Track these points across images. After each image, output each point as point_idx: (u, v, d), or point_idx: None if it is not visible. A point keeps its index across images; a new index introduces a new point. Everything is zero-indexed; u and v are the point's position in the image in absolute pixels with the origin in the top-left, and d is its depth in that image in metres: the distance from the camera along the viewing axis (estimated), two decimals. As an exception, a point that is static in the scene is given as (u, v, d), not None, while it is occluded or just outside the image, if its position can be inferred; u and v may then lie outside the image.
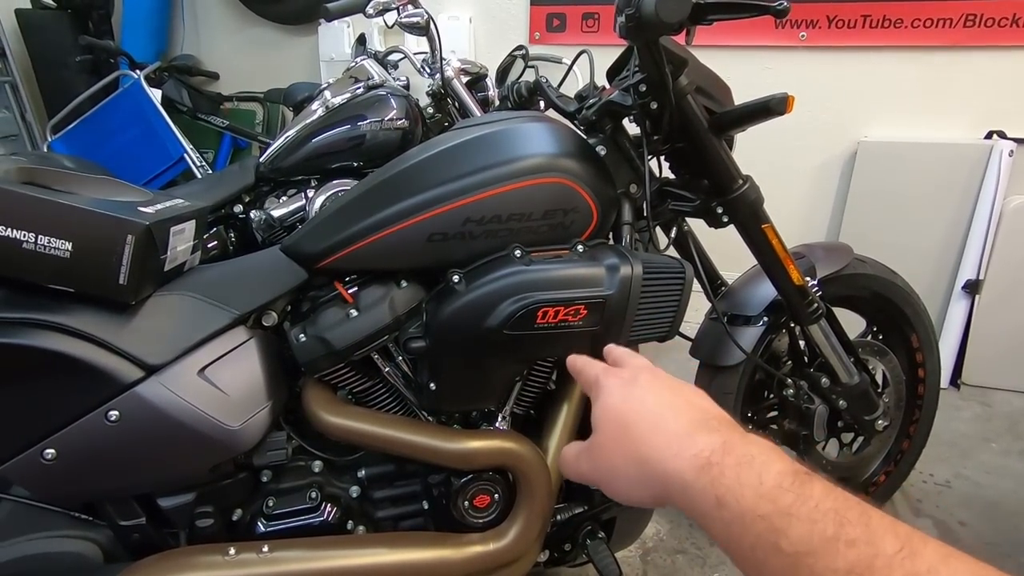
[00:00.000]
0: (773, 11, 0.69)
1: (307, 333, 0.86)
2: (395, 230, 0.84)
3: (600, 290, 0.81)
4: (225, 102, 2.68)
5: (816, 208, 2.17)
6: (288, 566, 0.79)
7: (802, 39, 1.99)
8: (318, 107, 1.61)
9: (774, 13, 0.69)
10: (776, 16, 0.69)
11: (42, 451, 0.73)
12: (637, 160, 1.00)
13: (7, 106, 2.41)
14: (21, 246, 0.69)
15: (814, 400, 1.17)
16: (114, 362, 0.75)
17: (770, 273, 1.07)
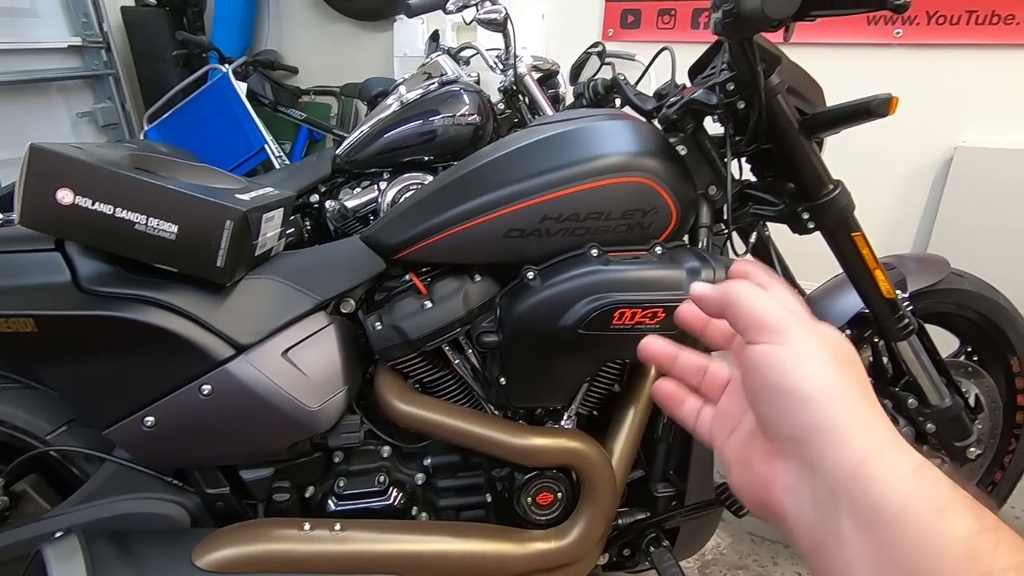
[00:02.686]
0: (891, 6, 0.65)
1: (383, 322, 0.89)
2: (473, 225, 0.85)
3: (680, 294, 0.79)
4: (303, 95, 2.79)
5: (903, 218, 2.03)
6: (359, 545, 0.82)
7: (897, 36, 1.87)
8: (393, 102, 1.65)
9: (892, 8, 0.65)
10: (895, 11, 0.65)
11: (143, 418, 0.79)
12: (718, 161, 0.97)
13: (110, 96, 2.61)
14: (134, 227, 0.75)
15: (898, 421, 1.10)
16: (209, 339, 0.79)
17: (857, 284, 1.01)
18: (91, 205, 0.73)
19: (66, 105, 2.49)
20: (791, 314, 0.29)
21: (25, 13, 2.27)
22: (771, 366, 0.28)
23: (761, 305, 0.29)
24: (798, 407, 0.27)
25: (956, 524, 0.23)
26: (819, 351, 0.28)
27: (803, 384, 0.27)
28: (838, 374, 0.27)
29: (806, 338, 0.28)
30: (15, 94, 2.28)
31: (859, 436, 0.26)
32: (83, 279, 0.77)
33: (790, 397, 0.27)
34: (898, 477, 0.24)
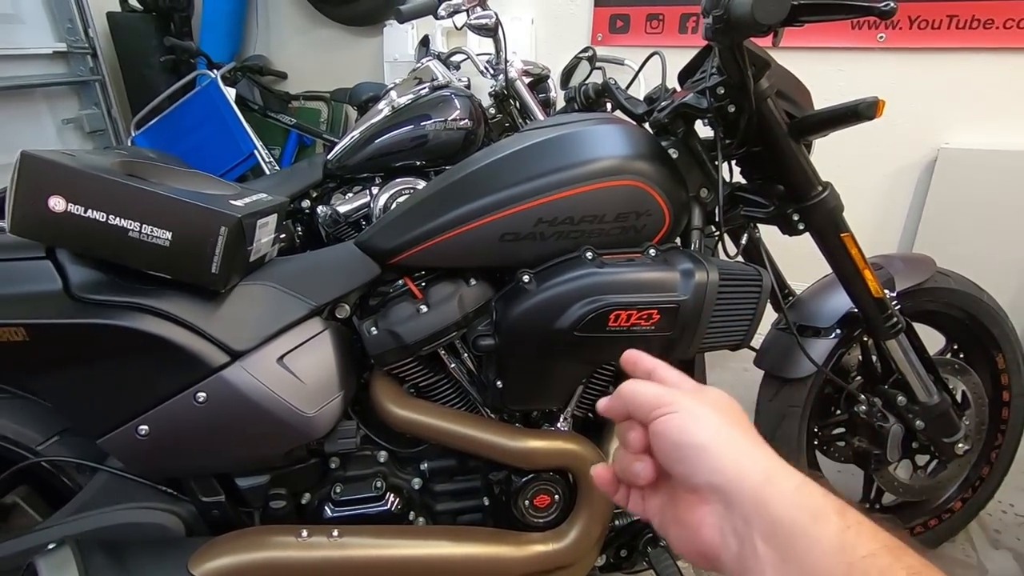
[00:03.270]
0: (878, 12, 0.66)
1: (378, 327, 0.89)
2: (468, 229, 0.86)
3: (674, 295, 0.80)
4: (292, 101, 2.78)
5: (889, 218, 2.06)
6: (357, 551, 0.82)
7: (880, 40, 1.91)
8: (384, 107, 1.65)
9: (879, 14, 0.66)
10: (881, 17, 0.67)
11: (137, 427, 0.78)
12: (709, 164, 0.98)
13: (96, 103, 2.58)
14: (127, 234, 0.74)
15: (888, 418, 1.11)
16: (203, 346, 0.79)
17: (847, 284, 1.02)
18: (84, 212, 0.73)
19: (51, 112, 2.46)
20: (675, 389, 0.37)
21: (9, 19, 2.24)
22: (670, 430, 0.35)
23: (649, 393, 0.37)
24: (700, 456, 0.33)
25: (828, 526, 0.29)
26: (704, 410, 0.35)
27: (697, 438, 0.34)
28: (723, 424, 0.35)
29: (691, 403, 0.36)
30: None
31: (751, 469, 0.32)
32: (75, 287, 0.76)
33: (692, 451, 0.34)
34: (786, 496, 0.31)
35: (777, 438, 1.17)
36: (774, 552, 0.30)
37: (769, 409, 1.17)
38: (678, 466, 0.35)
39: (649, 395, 0.37)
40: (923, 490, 1.24)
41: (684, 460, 0.34)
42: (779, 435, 1.16)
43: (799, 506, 0.30)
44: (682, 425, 0.34)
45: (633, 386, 0.38)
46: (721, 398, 0.37)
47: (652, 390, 0.37)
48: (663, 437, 0.35)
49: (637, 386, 0.38)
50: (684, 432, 0.34)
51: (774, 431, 1.16)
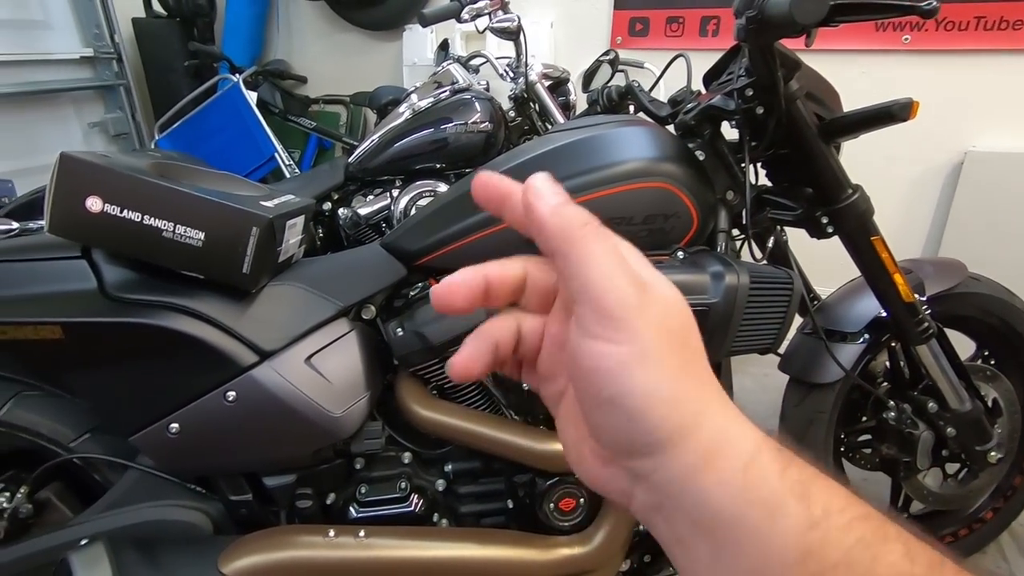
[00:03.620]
0: (920, 11, 0.65)
1: (404, 328, 0.89)
2: (495, 231, 0.86)
3: (704, 298, 0.79)
4: (312, 104, 2.81)
5: (913, 222, 2.03)
6: (383, 552, 0.82)
7: (905, 42, 1.88)
8: (405, 110, 1.66)
9: (921, 13, 0.65)
10: (924, 16, 0.66)
11: (168, 425, 0.79)
12: (735, 166, 0.97)
13: (121, 106, 2.62)
14: (161, 234, 0.75)
15: (918, 425, 1.09)
16: (234, 346, 0.80)
17: (877, 288, 1.01)
18: (120, 213, 0.74)
19: (78, 115, 2.51)
20: (637, 290, 0.22)
21: (39, 25, 2.29)
22: (608, 377, 0.22)
23: (614, 282, 0.22)
24: (631, 426, 0.22)
25: (787, 524, 0.21)
26: (661, 347, 0.22)
27: (638, 401, 0.22)
28: (675, 373, 0.22)
29: (649, 334, 0.22)
30: (28, 105, 2.29)
31: (691, 448, 0.22)
32: (109, 286, 0.77)
33: (624, 415, 0.22)
34: (729, 483, 0.22)
35: (803, 444, 1.15)
36: (709, 547, 0.22)
37: (795, 415, 1.16)
38: (601, 423, 0.23)
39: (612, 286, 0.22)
40: (953, 499, 1.21)
41: (610, 420, 0.23)
42: (804, 441, 1.15)
43: (748, 499, 0.21)
44: (620, 369, 0.22)
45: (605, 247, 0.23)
46: (678, 317, 0.24)
47: (620, 282, 0.22)
48: (591, 380, 0.23)
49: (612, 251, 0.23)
50: (618, 383, 0.22)
51: (800, 437, 1.15)
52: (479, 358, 0.26)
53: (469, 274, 0.27)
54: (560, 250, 0.23)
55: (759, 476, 0.22)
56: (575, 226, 0.23)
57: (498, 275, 0.27)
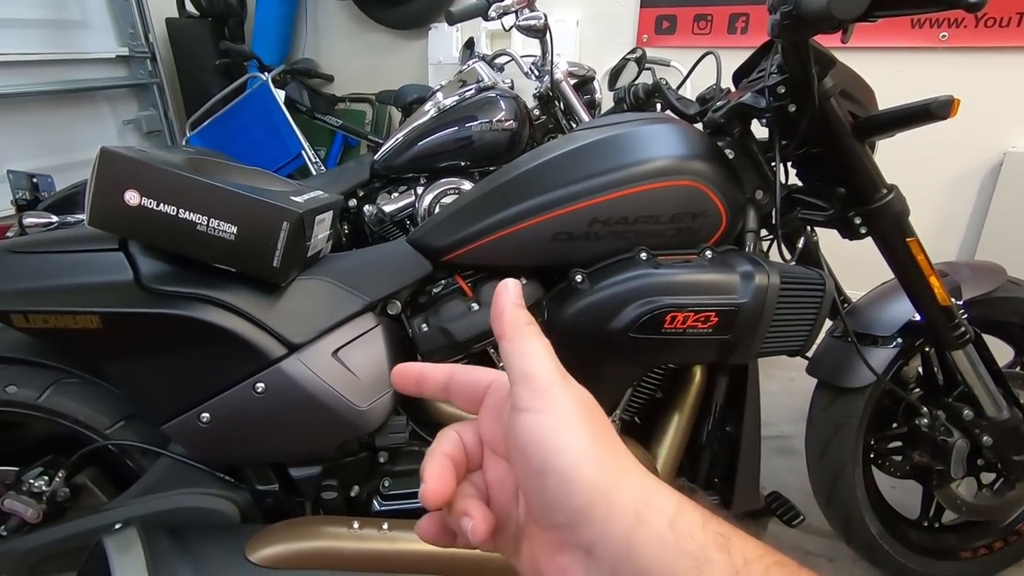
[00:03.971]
0: (965, 5, 0.63)
1: (429, 323, 0.90)
2: (521, 228, 0.86)
3: (733, 298, 0.78)
4: (339, 103, 2.84)
5: (950, 224, 1.98)
6: (408, 545, 0.82)
7: (943, 39, 1.83)
8: (430, 108, 1.67)
9: (966, 7, 0.63)
10: (968, 11, 0.64)
11: (199, 414, 0.81)
12: (765, 165, 0.96)
13: (154, 104, 2.69)
14: (195, 227, 0.77)
15: (952, 433, 1.06)
16: (263, 338, 0.81)
17: (911, 291, 0.98)
18: (156, 206, 0.76)
19: (113, 113, 2.58)
20: (560, 374, 0.27)
21: (78, 25, 2.36)
22: (539, 445, 0.25)
23: (531, 349, 0.27)
24: (564, 489, 0.24)
25: (713, 573, 0.23)
26: (580, 416, 0.25)
27: (568, 461, 0.24)
28: (594, 440, 0.25)
29: (569, 404, 0.26)
30: (66, 102, 2.36)
31: (622, 505, 0.24)
32: (144, 278, 0.79)
33: (554, 480, 0.24)
34: (658, 540, 0.24)
35: (831, 449, 1.13)
36: None
37: (823, 419, 1.13)
38: (534, 498, 0.26)
39: (536, 359, 0.27)
40: (988, 510, 1.17)
41: (544, 492, 0.25)
42: (833, 446, 1.13)
43: (676, 553, 0.23)
44: (549, 434, 0.25)
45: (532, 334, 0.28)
46: (586, 395, 0.27)
47: (543, 357, 0.27)
48: (523, 448, 0.25)
49: (535, 336, 0.28)
50: (549, 447, 0.25)
51: (828, 442, 1.13)
52: (447, 479, 0.28)
53: (436, 464, 0.29)
54: (508, 335, 0.28)
55: (685, 530, 0.24)
56: (522, 322, 0.28)
57: (453, 449, 0.30)
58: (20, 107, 2.18)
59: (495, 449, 0.30)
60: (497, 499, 0.30)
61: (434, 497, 0.27)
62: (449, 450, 0.30)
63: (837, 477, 1.13)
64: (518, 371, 0.26)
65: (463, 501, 0.28)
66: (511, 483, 0.29)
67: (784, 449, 1.66)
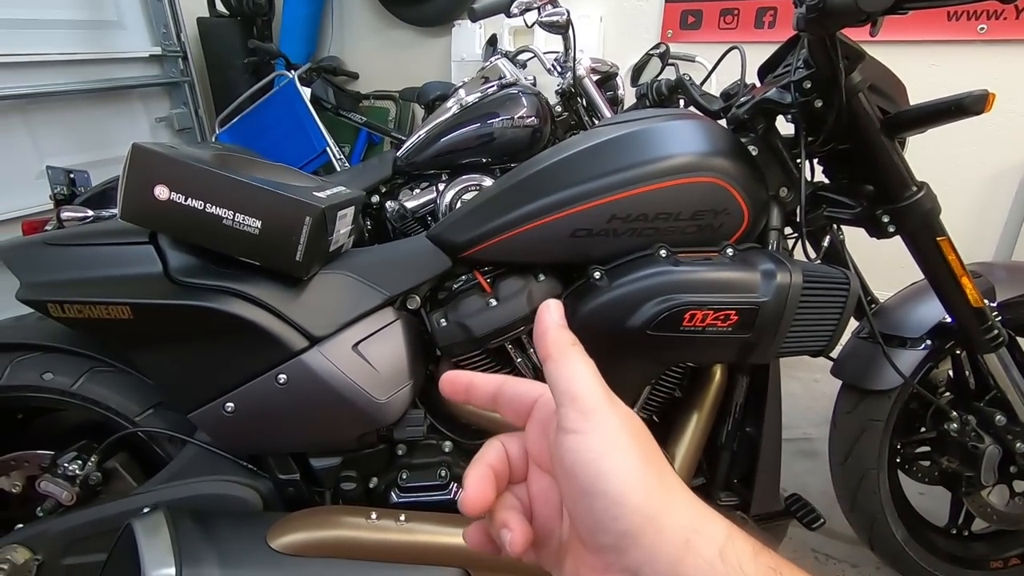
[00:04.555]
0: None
1: (448, 318, 0.90)
2: (540, 224, 0.86)
3: (754, 296, 0.77)
4: (363, 100, 2.88)
5: (985, 224, 1.91)
6: (423, 537, 0.83)
7: (981, 32, 1.77)
8: (452, 105, 1.68)
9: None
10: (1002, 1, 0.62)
11: (224, 404, 0.83)
12: (790, 162, 0.94)
13: (185, 102, 2.75)
14: (222, 222, 0.79)
15: (983, 439, 1.03)
16: (286, 331, 0.83)
17: (941, 292, 0.96)
18: (184, 201, 0.78)
19: (146, 111, 2.65)
20: (606, 394, 0.27)
21: (113, 25, 2.43)
22: (587, 466, 0.25)
23: (577, 370, 0.27)
24: (611, 510, 0.24)
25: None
26: (623, 435, 0.25)
27: (611, 483, 0.24)
28: (643, 463, 0.25)
29: (616, 426, 0.25)
30: (102, 101, 2.44)
31: (671, 531, 0.24)
32: (173, 271, 0.82)
33: (608, 500, 0.24)
34: (707, 569, 0.23)
35: (855, 453, 1.10)
36: None
37: (847, 422, 1.11)
38: (581, 518, 0.26)
39: (581, 380, 0.26)
40: (1021, 519, 1.14)
41: (591, 513, 0.25)
42: (857, 450, 1.10)
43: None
44: (597, 456, 0.25)
45: (578, 356, 0.28)
46: (634, 419, 0.27)
47: (589, 377, 0.27)
48: (570, 469, 0.25)
49: (581, 358, 0.28)
50: (597, 469, 0.25)
51: (852, 446, 1.10)
52: (486, 488, 0.29)
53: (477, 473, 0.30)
54: (552, 356, 0.28)
55: (735, 561, 0.24)
56: (567, 343, 0.28)
57: (496, 460, 0.31)
58: (59, 105, 2.26)
59: (540, 463, 0.30)
60: (540, 513, 0.30)
61: (472, 505, 0.28)
62: (492, 460, 0.30)
63: (861, 481, 1.11)
64: (564, 392, 0.26)
65: (503, 512, 0.29)
66: (555, 497, 0.29)
67: (806, 452, 1.63)
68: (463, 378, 0.32)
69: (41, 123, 2.21)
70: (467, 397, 0.32)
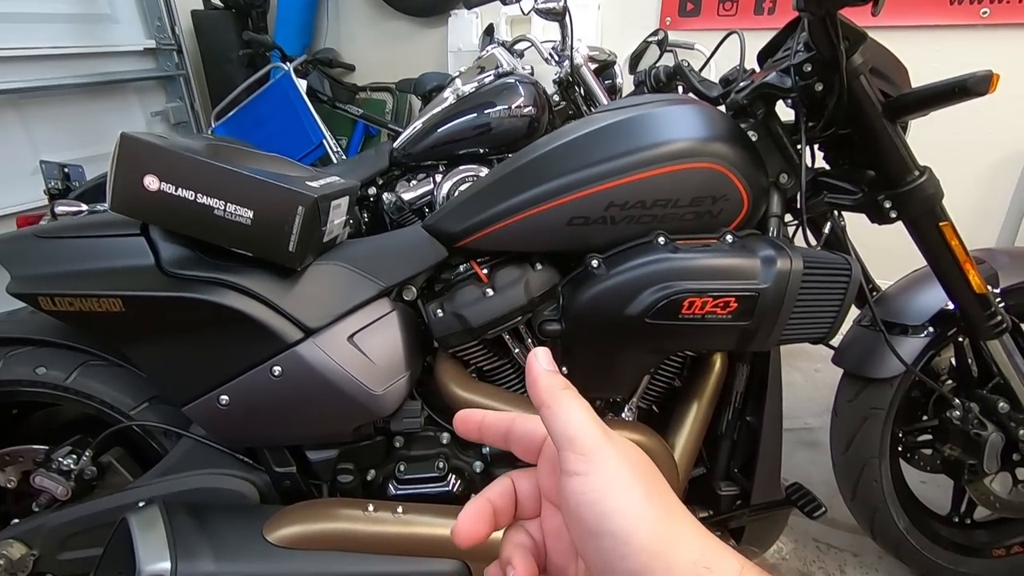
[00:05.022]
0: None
1: (444, 309, 0.89)
2: (536, 212, 0.85)
3: (754, 283, 0.76)
4: (359, 92, 2.86)
5: (988, 210, 1.90)
6: (421, 529, 0.83)
7: (984, 16, 1.74)
8: (449, 95, 1.66)
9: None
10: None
11: (218, 396, 0.82)
12: (790, 148, 0.93)
13: (180, 96, 2.74)
14: (213, 212, 0.78)
15: (986, 426, 1.02)
16: (280, 322, 0.82)
17: (944, 278, 0.94)
18: (175, 191, 0.77)
19: (141, 105, 2.64)
20: (603, 433, 0.27)
21: (107, 19, 2.41)
22: (591, 507, 0.25)
23: (573, 414, 0.27)
24: (621, 551, 0.24)
25: None
26: (629, 475, 0.25)
27: (623, 521, 0.24)
28: (647, 499, 0.25)
29: (616, 464, 0.25)
30: (96, 95, 2.42)
31: (680, 568, 0.24)
32: (165, 262, 0.81)
33: (616, 539, 0.24)
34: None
35: (857, 442, 1.09)
36: None
37: (848, 411, 1.10)
38: (590, 558, 0.26)
39: (576, 422, 0.27)
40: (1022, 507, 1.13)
41: (599, 552, 0.25)
42: (859, 439, 1.09)
43: None
44: (600, 497, 0.25)
45: (572, 398, 0.28)
46: (637, 453, 0.27)
47: (584, 417, 0.27)
48: (576, 511, 0.25)
49: (575, 401, 0.28)
50: (601, 509, 0.25)
51: (854, 434, 1.10)
52: (479, 524, 0.29)
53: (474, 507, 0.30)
54: (546, 403, 0.28)
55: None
56: (559, 387, 0.28)
57: (499, 495, 0.31)
58: (53, 100, 2.24)
59: (552, 499, 0.30)
60: (555, 549, 0.30)
61: (461, 537, 0.29)
62: (494, 496, 0.30)
63: (863, 470, 1.10)
64: (561, 435, 0.27)
65: (510, 549, 0.29)
66: (568, 534, 0.28)
67: (807, 441, 1.63)
68: (475, 416, 0.33)
69: (36, 118, 2.20)
70: (480, 436, 0.33)
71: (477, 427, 0.32)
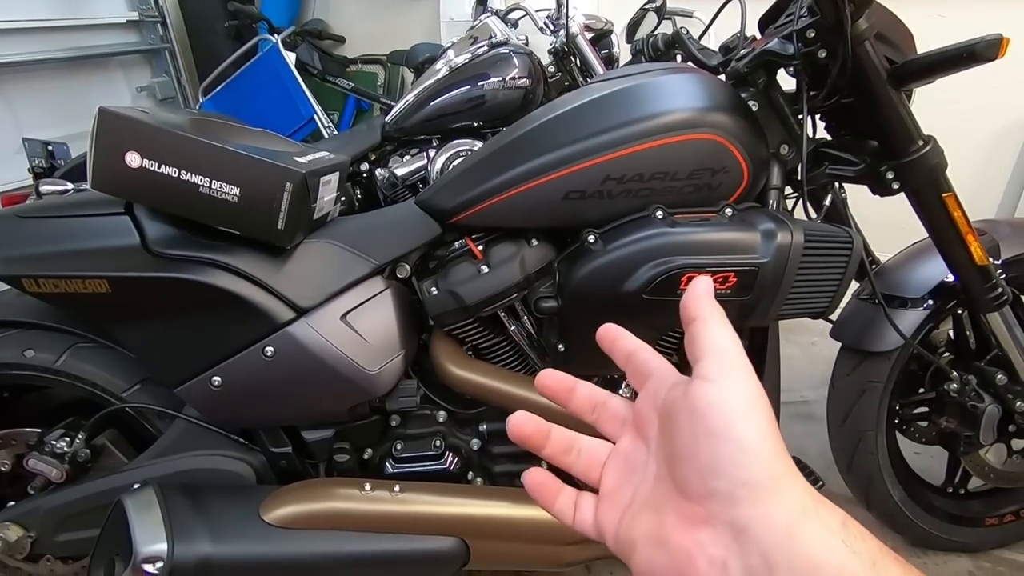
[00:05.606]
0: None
1: (438, 287, 0.88)
2: (531, 187, 0.83)
3: (753, 257, 0.74)
4: (350, 65, 2.78)
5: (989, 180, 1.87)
6: (417, 507, 0.83)
7: (990, -20, 1.70)
8: (442, 67, 1.61)
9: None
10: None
11: (211, 378, 0.81)
12: (792, 118, 0.90)
13: (167, 71, 2.67)
14: (198, 190, 0.75)
15: (983, 398, 1.02)
16: (271, 302, 0.80)
17: (945, 250, 0.93)
18: (158, 168, 0.74)
19: (126, 80, 2.57)
20: (745, 357, 0.27)
21: (86, -11, 2.33)
22: (723, 413, 0.25)
23: (724, 331, 0.28)
24: (739, 459, 0.24)
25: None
26: (759, 397, 0.26)
27: (747, 434, 0.24)
28: (773, 431, 0.25)
29: (750, 381, 0.26)
30: (79, 70, 2.36)
31: (790, 494, 0.24)
32: (151, 242, 0.78)
33: (733, 448, 0.24)
34: (831, 535, 0.23)
35: (853, 414, 1.10)
36: None
37: (846, 384, 1.10)
38: (695, 459, 0.25)
39: (723, 334, 0.27)
40: (1018, 476, 1.14)
41: (714, 456, 0.24)
42: (855, 411, 1.10)
43: (851, 550, 0.22)
44: (733, 405, 0.25)
45: (718, 310, 0.29)
46: (766, 396, 0.27)
47: (729, 332, 0.28)
48: (704, 414, 0.25)
49: (721, 313, 0.28)
50: (732, 415, 0.25)
51: (850, 407, 1.10)
52: (537, 426, 0.34)
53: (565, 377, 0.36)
54: (701, 316, 0.28)
55: (857, 534, 0.23)
56: (711, 306, 0.29)
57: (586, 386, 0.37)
58: (34, 75, 2.18)
59: (640, 428, 0.31)
60: (617, 466, 0.31)
61: (544, 379, 0.35)
62: (583, 384, 0.36)
63: (859, 443, 1.10)
64: (711, 346, 0.27)
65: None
66: (639, 457, 0.30)
67: (804, 415, 1.64)
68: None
69: (17, 94, 2.14)
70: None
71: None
